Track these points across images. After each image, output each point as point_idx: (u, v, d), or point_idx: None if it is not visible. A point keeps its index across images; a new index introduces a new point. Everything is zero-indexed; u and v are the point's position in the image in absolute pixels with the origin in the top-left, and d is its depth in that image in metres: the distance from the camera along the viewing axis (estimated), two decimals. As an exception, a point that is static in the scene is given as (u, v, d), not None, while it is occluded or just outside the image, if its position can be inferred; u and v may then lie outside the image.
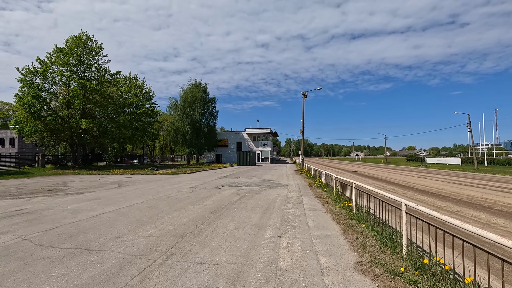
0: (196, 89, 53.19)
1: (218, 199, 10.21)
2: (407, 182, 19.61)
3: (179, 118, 51.02)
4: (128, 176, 21.74)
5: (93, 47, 32.52)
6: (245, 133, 61.18)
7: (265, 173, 25.99)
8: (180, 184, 15.63)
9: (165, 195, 11.30)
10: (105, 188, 13.68)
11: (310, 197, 10.80)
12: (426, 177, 24.04)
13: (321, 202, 9.50)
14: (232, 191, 12.57)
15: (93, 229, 5.98)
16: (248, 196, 11.00)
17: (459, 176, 25.80)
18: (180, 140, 51.83)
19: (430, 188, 15.57)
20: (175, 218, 7.01)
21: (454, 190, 14.86)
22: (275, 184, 15.93)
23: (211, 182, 16.94)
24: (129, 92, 43.74)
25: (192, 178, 20.43)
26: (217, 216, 7.33)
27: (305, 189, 13.74)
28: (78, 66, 31.68)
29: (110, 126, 34.05)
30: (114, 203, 9.21)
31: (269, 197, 10.77)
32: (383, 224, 5.45)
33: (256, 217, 7.17)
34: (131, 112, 44.31)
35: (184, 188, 13.70)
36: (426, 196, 12.63)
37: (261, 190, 13.24)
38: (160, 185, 15.05)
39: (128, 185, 15.15)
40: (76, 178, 20.34)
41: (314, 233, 5.73)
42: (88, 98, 31.44)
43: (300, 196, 11.28)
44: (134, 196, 10.97)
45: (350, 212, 7.32)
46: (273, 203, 9.38)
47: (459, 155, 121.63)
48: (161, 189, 13.23)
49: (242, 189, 13.60)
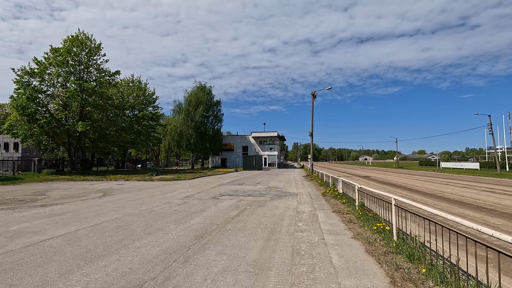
0: (201, 92, 51.62)
1: (211, 215, 8.16)
2: (433, 190, 17.22)
3: (183, 121, 49.45)
4: (121, 183, 19.91)
5: (91, 46, 31.15)
6: (251, 137, 59.19)
7: (272, 179, 23.85)
8: (174, 193, 13.64)
9: (148, 208, 9.31)
10: (85, 199, 11.79)
11: (327, 212, 8.65)
12: (449, 184, 21.59)
13: (342, 220, 7.35)
14: (231, 203, 10.50)
15: (8, 272, 3.99)
16: (249, 210, 8.92)
17: (486, 182, 23.24)
18: (184, 144, 50.16)
19: (464, 198, 13.20)
20: (141, 249, 4.98)
21: (494, 201, 12.50)
22: (282, 193, 13.81)
23: (209, 191, 14.92)
24: (132, 94, 42.46)
25: (190, 185, 18.45)
26: (201, 244, 5.27)
27: (318, 199, 11.58)
28: (76, 67, 30.31)
29: (109, 130, 32.50)
30: (78, 221, 7.25)
31: (275, 212, 8.67)
32: (456, 269, 3.32)
33: (256, 248, 5.08)
34: (133, 115, 42.97)
35: (176, 199, 11.70)
36: (466, 208, 10.31)
37: (266, 201, 11.14)
38: (150, 194, 13.10)
39: (114, 194, 13.25)
40: (64, 185, 18.61)
41: (345, 282, 3.62)
42: (86, 100, 30.01)
43: (314, 209, 9.14)
44: (110, 210, 9.01)
45: (389, 239, 5.17)
46: (280, 221, 7.28)
47: (471, 159, 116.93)
48: (148, 200, 11.26)
49: (243, 199, 11.53)
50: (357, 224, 6.83)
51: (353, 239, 5.58)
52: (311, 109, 29.15)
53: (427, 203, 11.99)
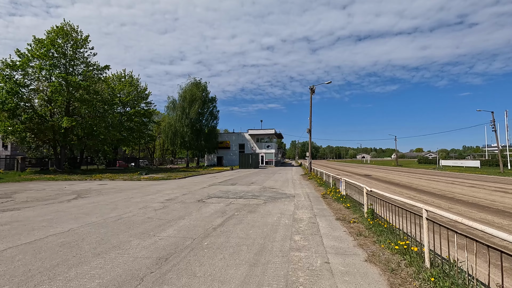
0: (196, 88, 49.98)
1: (189, 225, 6.70)
2: (441, 190, 15.90)
3: (178, 118, 47.83)
4: (104, 183, 18.38)
5: (77, 38, 29.43)
6: (248, 134, 57.68)
7: (268, 178, 22.42)
8: (156, 195, 12.16)
9: (117, 215, 7.84)
10: (51, 202, 10.28)
11: (329, 220, 7.23)
12: (455, 183, 20.35)
13: (349, 232, 5.93)
14: (217, 208, 9.05)
15: None
16: (237, 218, 7.48)
17: (492, 181, 22.04)
18: (179, 142, 48.55)
19: (479, 200, 11.84)
20: (73, 282, 3.53)
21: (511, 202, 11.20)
22: (278, 195, 12.38)
23: (197, 192, 13.45)
24: (123, 90, 40.81)
25: (178, 185, 16.96)
26: (161, 274, 3.82)
27: (318, 202, 10.16)
28: (60, 59, 28.60)
29: (97, 126, 30.85)
30: (18, 234, 5.76)
31: (267, 220, 7.23)
32: None
33: (236, 279, 3.64)
34: (125, 111, 41.32)
35: (156, 202, 10.22)
36: (486, 212, 8.90)
37: (258, 205, 9.70)
38: (129, 197, 11.61)
39: (88, 197, 11.75)
40: (40, 185, 17.06)
41: None
42: (72, 95, 28.35)
43: (313, 216, 7.71)
44: (70, 217, 7.53)
45: (419, 266, 3.75)
46: (273, 234, 5.85)
47: (469, 157, 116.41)
48: (122, 204, 9.77)
49: (233, 202, 10.09)
50: (369, 238, 5.40)
51: (368, 263, 4.15)
52: (310, 104, 27.72)
53: (440, 206, 10.63)
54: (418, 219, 4.32)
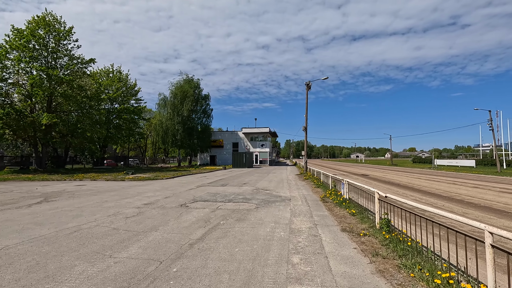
0: (188, 85, 48.37)
1: (160, 239, 5.37)
2: (445, 191, 14.85)
3: (169, 116, 46.20)
4: (83, 184, 16.86)
5: (60, 29, 27.67)
6: (242, 132, 56.30)
7: (261, 178, 21.13)
8: (134, 199, 10.76)
9: (77, 225, 6.45)
10: (7, 208, 8.80)
11: (333, 232, 5.97)
12: (457, 183, 19.46)
13: (361, 250, 4.68)
14: (200, 215, 7.72)
15: None
16: (221, 229, 6.17)
17: (493, 181, 21.28)
18: (170, 140, 46.95)
19: (491, 203, 10.74)
20: None
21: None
22: (272, 198, 11.10)
23: (182, 194, 12.08)
24: (111, 86, 39.04)
25: (164, 186, 15.55)
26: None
27: (318, 207, 8.91)
28: (41, 51, 26.84)
29: (81, 123, 29.15)
30: None
31: (258, 231, 5.94)
32: None
33: None
34: (113, 108, 39.61)
35: (131, 207, 8.84)
36: (506, 218, 7.76)
37: (249, 210, 8.40)
38: (102, 201, 10.19)
39: (55, 200, 10.30)
40: (11, 186, 15.47)
41: None
42: (54, 89, 26.64)
43: (314, 226, 6.46)
44: (15, 229, 6.10)
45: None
46: (265, 253, 4.57)
47: (461, 156, 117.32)
48: (90, 210, 8.38)
49: (220, 207, 8.77)
50: (389, 260, 4.15)
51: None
52: (306, 100, 26.51)
53: (453, 210, 9.48)
54: (452, 234, 3.09)
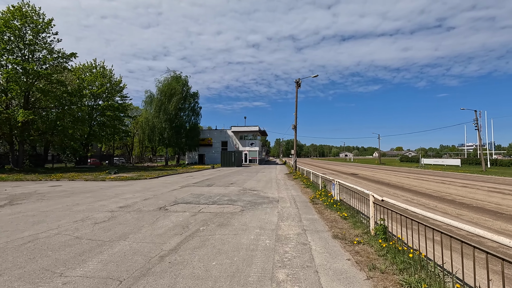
0: (175, 82, 47.14)
1: (127, 251, 4.66)
2: (436, 191, 14.63)
3: (156, 113, 44.90)
4: (58, 184, 15.80)
5: (38, 21, 26.19)
6: (231, 131, 55.47)
7: (250, 178, 20.51)
8: (110, 201, 9.94)
9: (34, 234, 5.64)
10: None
11: (325, 239, 5.40)
12: (445, 182, 19.42)
13: (356, 262, 4.12)
14: (179, 219, 7.03)
15: None
16: (200, 237, 5.51)
17: (480, 180, 21.39)
18: (157, 139, 45.67)
19: (482, 203, 10.44)
20: None
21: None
22: (259, 199, 10.49)
23: (163, 196, 11.32)
24: (94, 82, 37.50)
25: (145, 187, 14.70)
26: None
27: (307, 210, 8.35)
28: (17, 44, 25.33)
29: (61, 120, 27.75)
30: None
31: (241, 240, 5.31)
32: None
33: None
34: (96, 104, 38.13)
35: (103, 211, 8.04)
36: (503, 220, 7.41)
37: (233, 214, 7.76)
38: (73, 204, 9.33)
39: (21, 203, 9.35)
40: (-22, 187, 14.30)
41: None
42: (32, 84, 25.20)
43: (303, 232, 5.88)
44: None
45: None
46: (246, 269, 3.94)
47: (445, 155, 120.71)
48: (55, 215, 7.54)
49: (203, 211, 8.09)
50: (389, 274, 3.60)
51: None
52: (295, 98, 26.01)
53: (446, 212, 9.13)
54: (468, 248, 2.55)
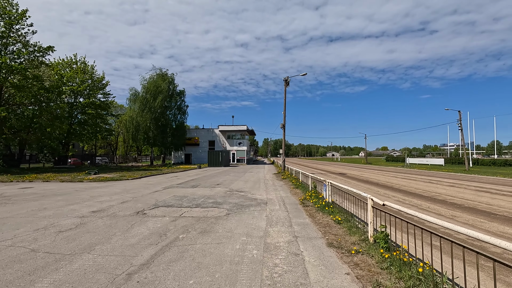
0: (161, 80, 45.78)
1: (88, 267, 3.94)
2: (425, 191, 14.50)
3: (140, 111, 43.39)
4: (30, 186, 14.64)
5: (11, 12, 24.60)
6: (219, 130, 54.58)
7: (237, 178, 19.86)
8: (82, 204, 9.07)
9: (-18, 246, 4.84)
10: None
11: (319, 248, 4.85)
12: (433, 182, 19.49)
13: (357, 278, 3.58)
14: (156, 226, 6.32)
15: None
16: (178, 247, 4.84)
17: (466, 179, 21.64)
18: (142, 138, 44.21)
19: (472, 203, 10.26)
20: None
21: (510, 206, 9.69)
22: (246, 201, 9.87)
23: (143, 198, 10.52)
24: (74, 78, 35.81)
25: (126, 188, 13.79)
26: None
27: (298, 213, 7.81)
28: (-12, 36, 23.69)
29: (38, 118, 26.20)
30: None
31: (225, 250, 4.69)
32: None
33: None
34: (76, 102, 36.46)
35: (72, 217, 7.22)
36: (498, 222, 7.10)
37: (218, 218, 7.12)
38: (40, 208, 8.42)
39: (-20, 208, 8.38)
40: None
41: None
42: (4, 79, 23.62)
43: (295, 239, 5.32)
44: None
45: None
46: (229, 286, 3.34)
47: (428, 155, 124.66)
48: (15, 221, 6.66)
49: (184, 215, 7.40)
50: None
51: None
52: (284, 97, 25.55)
53: (440, 213, 8.81)
54: None
